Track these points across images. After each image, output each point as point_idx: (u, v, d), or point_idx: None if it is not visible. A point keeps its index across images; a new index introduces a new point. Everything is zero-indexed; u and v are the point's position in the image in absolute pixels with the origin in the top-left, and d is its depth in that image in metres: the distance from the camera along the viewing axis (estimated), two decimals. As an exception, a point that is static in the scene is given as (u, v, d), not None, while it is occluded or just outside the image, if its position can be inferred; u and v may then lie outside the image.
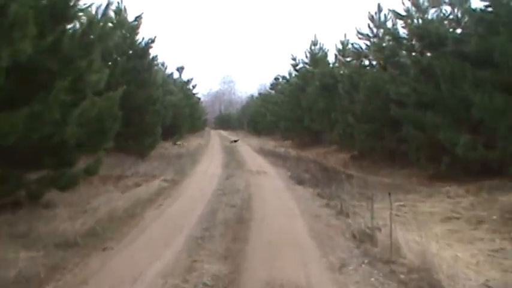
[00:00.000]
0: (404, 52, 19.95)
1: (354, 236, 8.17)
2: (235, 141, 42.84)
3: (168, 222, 9.39)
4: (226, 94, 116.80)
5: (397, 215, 9.18)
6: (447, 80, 14.40)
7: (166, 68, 44.73)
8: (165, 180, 14.76)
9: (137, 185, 13.86)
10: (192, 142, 40.80)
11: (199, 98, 74.54)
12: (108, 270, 6.25)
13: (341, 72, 27.82)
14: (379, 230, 8.06)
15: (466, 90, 13.33)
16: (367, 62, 24.33)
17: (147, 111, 23.01)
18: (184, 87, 53.65)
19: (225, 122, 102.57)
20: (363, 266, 6.57)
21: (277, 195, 13.19)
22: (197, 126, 64.75)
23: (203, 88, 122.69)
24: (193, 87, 58.56)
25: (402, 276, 6.13)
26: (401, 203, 11.58)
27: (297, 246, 7.70)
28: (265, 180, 16.47)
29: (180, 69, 55.28)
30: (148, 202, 11.35)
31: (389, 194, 9.28)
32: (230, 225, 9.01)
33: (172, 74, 49.81)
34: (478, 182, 13.03)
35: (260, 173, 18.40)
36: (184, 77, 55.85)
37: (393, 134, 18.98)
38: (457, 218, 10.05)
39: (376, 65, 22.94)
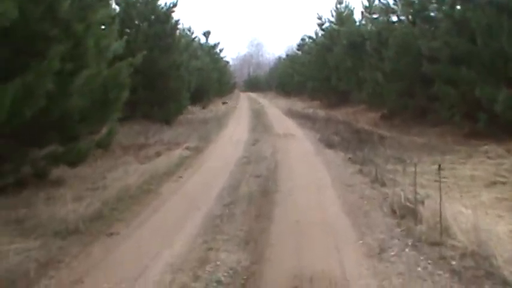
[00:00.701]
0: (434, 5, 19.11)
1: (393, 211, 7.20)
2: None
3: (184, 199, 8.62)
4: (254, 57, 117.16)
5: (436, 181, 8.37)
6: (483, 33, 13.54)
7: (192, 33, 44.41)
8: (188, 148, 14.17)
9: (158, 154, 13.34)
10: (221, 106, 40.38)
11: (227, 62, 74.63)
12: (109, 264, 5.46)
13: (368, 29, 27.04)
14: (422, 202, 7.08)
15: (503, 42, 12.57)
16: (395, 18, 23.31)
17: (171, 76, 22.57)
18: (211, 52, 53.14)
19: (253, 85, 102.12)
20: (407, 250, 5.61)
21: (305, 161, 12.41)
22: (226, 90, 64.46)
23: (232, 52, 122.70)
24: (220, 51, 57.89)
25: (454, 263, 5.14)
26: (437, 167, 10.98)
27: (329, 226, 6.75)
28: (294, 144, 15.79)
29: (206, 34, 54.36)
30: (167, 175, 10.56)
31: (439, 166, 7.74)
32: (253, 200, 8.12)
33: (198, 39, 48.92)
34: (518, 140, 12.41)
35: (288, 136, 17.75)
36: (211, 41, 55.07)
37: (424, 92, 18.24)
38: (503, 183, 9.16)
39: (404, 20, 22.01)
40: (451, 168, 10.76)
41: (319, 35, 42.22)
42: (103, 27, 12.54)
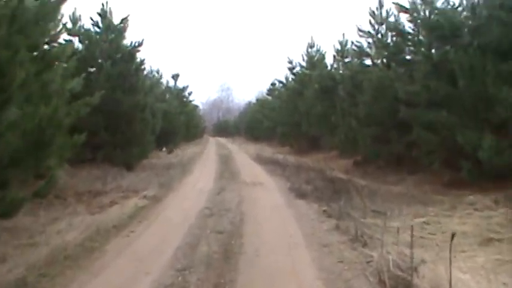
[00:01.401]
0: (410, 48, 18.38)
1: (380, 280, 5.90)
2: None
3: (132, 260, 7.06)
4: (224, 102, 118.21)
5: (422, 237, 7.23)
6: (465, 75, 12.66)
7: (161, 76, 44.04)
8: (145, 197, 12.77)
9: (113, 203, 12.05)
10: (188, 150, 39.02)
11: (196, 106, 74.12)
12: None
13: (341, 72, 26.41)
14: (415, 269, 5.79)
15: (488, 85, 11.69)
16: (369, 62, 22.57)
17: (135, 118, 21.34)
18: (179, 95, 52.25)
19: (223, 129, 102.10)
20: None
21: (275, 214, 10.99)
22: (194, 134, 63.59)
23: (202, 96, 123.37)
24: (189, 94, 56.67)
25: None
26: (423, 219, 9.83)
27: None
28: (262, 194, 14.48)
29: (175, 77, 53.41)
30: (117, 228, 9.10)
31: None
32: (213, 264, 6.74)
33: (167, 81, 48.80)
34: (504, 190, 11.40)
35: (256, 184, 16.44)
36: (181, 84, 54.22)
37: (401, 138, 17.39)
38: (498, 240, 8.03)
39: (379, 64, 21.24)
40: (436, 222, 9.73)
41: (290, 79, 41.63)
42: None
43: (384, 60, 20.44)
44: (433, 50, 15.72)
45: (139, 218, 10.27)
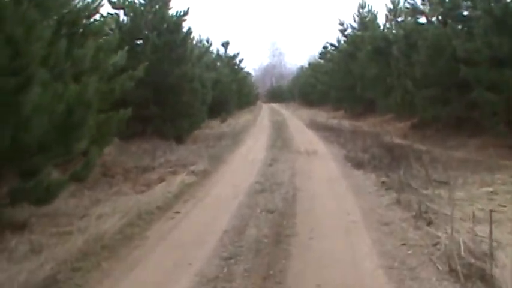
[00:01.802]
0: (468, 2, 17.25)
1: (451, 269, 5.13)
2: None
3: (174, 248, 6.49)
4: (276, 67, 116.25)
5: (494, 211, 6.39)
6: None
7: (210, 44, 42.39)
8: (193, 173, 12.21)
9: (161, 179, 11.61)
10: (241, 118, 38.40)
11: (248, 73, 73.45)
12: None
13: (394, 32, 25.29)
14: (491, 255, 5.01)
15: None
16: (423, 20, 21.35)
17: (183, 90, 20.88)
18: (230, 63, 51.63)
19: (276, 95, 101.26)
20: None
21: (330, 188, 10.18)
22: (247, 101, 62.98)
23: (254, 63, 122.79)
24: (240, 61, 55.78)
25: None
26: (490, 189, 9.05)
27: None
28: (316, 164, 13.71)
29: (225, 44, 52.64)
30: (161, 210, 8.56)
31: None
32: (262, 251, 6.11)
33: (217, 49, 47.82)
34: None
35: (310, 153, 15.63)
36: (231, 52, 53.49)
37: (461, 99, 16.42)
38: None
39: (434, 21, 20.08)
40: (505, 191, 8.90)
41: (342, 42, 40.52)
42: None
43: (440, 18, 19.35)
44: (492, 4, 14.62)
45: (186, 196, 9.74)
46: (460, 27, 17.32)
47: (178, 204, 9.08)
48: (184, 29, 21.98)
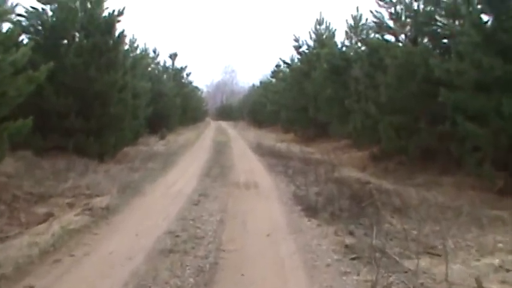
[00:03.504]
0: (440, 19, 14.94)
1: None
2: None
3: None
4: (228, 84, 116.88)
5: None
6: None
7: (158, 55, 41.82)
8: (90, 211, 8.93)
9: (49, 215, 8.75)
10: (182, 136, 35.34)
11: (197, 87, 72.25)
12: None
13: (356, 48, 23.02)
14: None
15: None
16: (389, 37, 18.78)
17: (111, 100, 17.87)
18: (177, 75, 48.91)
19: (226, 113, 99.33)
20: None
21: (271, 252, 6.86)
22: (194, 117, 60.79)
23: (206, 79, 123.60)
24: (188, 74, 53.21)
25: None
26: (496, 260, 6.45)
27: None
28: (256, 205, 10.37)
29: (173, 56, 50.11)
30: (8, 280, 5.43)
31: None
32: None
33: (164, 61, 46.60)
34: None
35: (250, 187, 12.61)
36: (181, 66, 51.19)
37: (432, 128, 13.94)
38: None
39: (403, 39, 17.58)
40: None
41: (296, 60, 38.13)
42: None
43: (409, 34, 16.94)
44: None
45: (59, 254, 6.48)
46: (432, 46, 14.99)
47: (40, 269, 5.89)
48: (118, 31, 18.99)
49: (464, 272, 5.91)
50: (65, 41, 17.65)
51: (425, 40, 16.25)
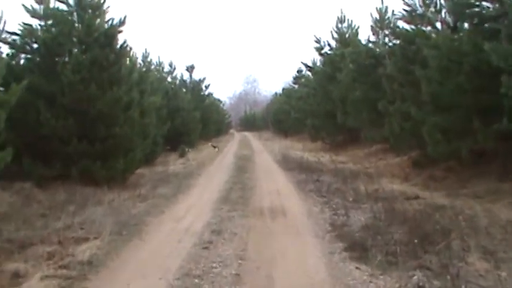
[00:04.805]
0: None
1: None
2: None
3: None
4: (250, 94, 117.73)
5: None
6: None
7: (174, 69, 41.37)
8: (65, 269, 6.77)
9: (16, 275, 6.74)
10: (204, 152, 33.41)
11: (219, 99, 70.75)
12: None
13: (387, 42, 21.49)
14: None
15: None
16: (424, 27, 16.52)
17: (116, 119, 15.93)
18: (196, 88, 47.10)
19: (250, 123, 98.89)
20: None
21: None
22: (218, 130, 59.76)
23: (228, 91, 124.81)
24: (207, 87, 51.12)
25: None
26: None
27: None
28: (284, 243, 7.92)
29: (190, 69, 48.15)
30: None
31: None
32: None
33: (181, 74, 45.89)
34: None
35: (276, 215, 10.19)
36: (198, 77, 49.71)
37: (488, 127, 11.62)
38: None
39: (439, 26, 15.36)
40: None
41: (318, 63, 36.12)
42: None
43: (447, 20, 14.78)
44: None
45: None
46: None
47: None
48: (119, 44, 17.00)
49: None
50: (63, 58, 15.86)
51: (466, 25, 14.02)
